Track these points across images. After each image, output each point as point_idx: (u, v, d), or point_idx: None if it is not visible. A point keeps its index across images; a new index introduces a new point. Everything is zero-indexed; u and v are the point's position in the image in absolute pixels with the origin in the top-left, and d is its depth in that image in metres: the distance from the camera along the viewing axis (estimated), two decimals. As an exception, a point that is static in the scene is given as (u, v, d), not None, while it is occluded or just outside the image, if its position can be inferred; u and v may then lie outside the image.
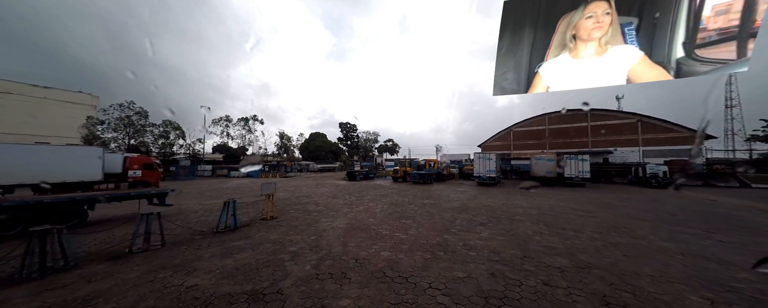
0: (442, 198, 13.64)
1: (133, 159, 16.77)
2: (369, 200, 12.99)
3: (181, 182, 26.70)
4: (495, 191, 17.09)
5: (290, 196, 14.49)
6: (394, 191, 16.68)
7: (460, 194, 15.35)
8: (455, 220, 8.44)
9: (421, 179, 22.54)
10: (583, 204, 11.90)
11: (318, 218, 8.75)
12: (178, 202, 12.33)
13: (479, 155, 21.89)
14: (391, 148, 78.10)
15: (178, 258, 5.04)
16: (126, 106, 36.45)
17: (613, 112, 29.80)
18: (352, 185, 21.17)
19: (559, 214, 9.41)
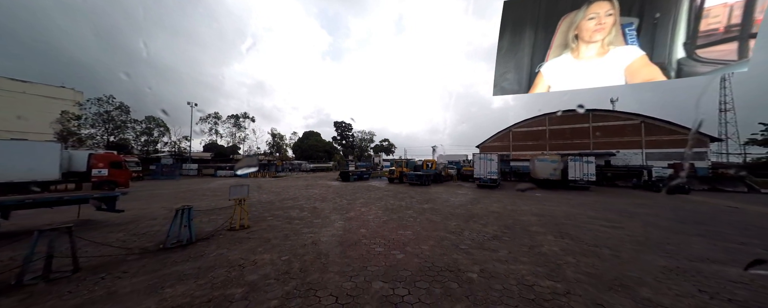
0: (443, 202, 12.29)
1: (98, 156, 14.98)
2: (362, 203, 11.56)
3: (160, 182, 24.82)
4: (498, 195, 15.83)
5: (274, 199, 12.96)
6: (390, 194, 15.27)
7: (461, 198, 14.03)
8: (462, 231, 7.07)
9: (418, 180, 21.20)
10: (600, 211, 10.68)
11: (299, 227, 7.28)
12: (141, 206, 10.70)
13: (480, 155, 20.65)
14: (387, 148, 76.74)
15: (80, 296, 3.53)
16: (105, 100, 34.21)
17: (615, 113, 28.94)
18: (345, 187, 19.70)
19: (580, 224, 8.13)
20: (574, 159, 20.74)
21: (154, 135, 40.10)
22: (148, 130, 38.94)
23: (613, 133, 28.30)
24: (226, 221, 7.24)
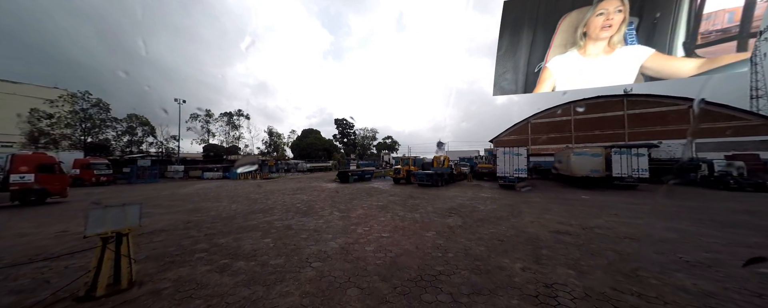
0: (471, 213, 8.74)
1: (21, 158, 11.66)
2: (360, 218, 8.06)
3: (130, 187, 21.62)
4: (536, 198, 12.23)
5: (241, 210, 9.53)
6: (397, 200, 11.77)
7: (491, 205, 10.46)
8: (555, 294, 3.55)
9: (429, 180, 17.66)
10: (710, 225, 7.05)
11: (236, 285, 3.83)
12: (21, 231, 7.30)
13: (505, 150, 16.99)
14: (390, 145, 73.15)
15: None
16: (80, 96, 31.08)
17: (657, 97, 24.92)
18: (343, 190, 16.25)
19: (717, 262, 4.55)
20: (619, 152, 16.99)
21: (137, 135, 37.00)
22: (131, 129, 35.82)
23: (653, 121, 24.40)
24: (85, 275, 3.76)
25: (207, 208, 10.28)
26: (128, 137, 36.12)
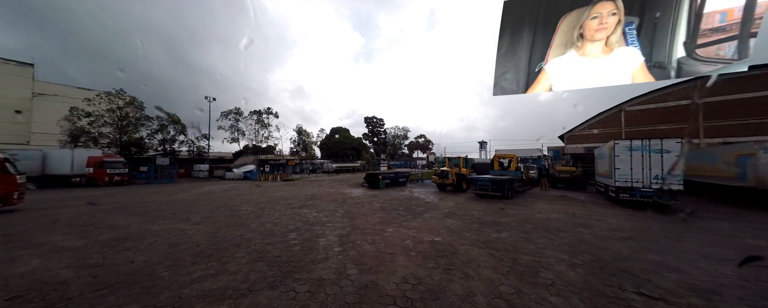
0: (662, 281, 3.31)
1: (-43, 152, 9.01)
2: (408, 296, 3.20)
3: (144, 188, 19.53)
4: (714, 230, 6.10)
5: (204, 243, 5.30)
6: (463, 226, 6.62)
7: (654, 247, 4.76)
8: None
9: (496, 189, 12.14)
10: None
11: None
12: None
13: (625, 143, 10.64)
14: (423, 145, 67.36)
15: None
16: (114, 95, 31.16)
17: None
18: (371, 200, 11.58)
19: None
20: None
21: (170, 133, 36.82)
22: (163, 127, 35.61)
23: None
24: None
25: (138, 235, 6.28)
26: (161, 136, 36.00)
